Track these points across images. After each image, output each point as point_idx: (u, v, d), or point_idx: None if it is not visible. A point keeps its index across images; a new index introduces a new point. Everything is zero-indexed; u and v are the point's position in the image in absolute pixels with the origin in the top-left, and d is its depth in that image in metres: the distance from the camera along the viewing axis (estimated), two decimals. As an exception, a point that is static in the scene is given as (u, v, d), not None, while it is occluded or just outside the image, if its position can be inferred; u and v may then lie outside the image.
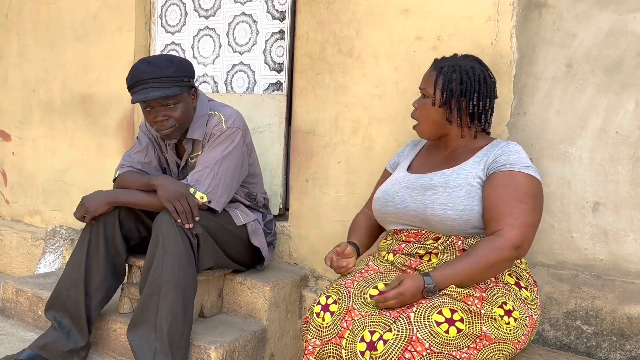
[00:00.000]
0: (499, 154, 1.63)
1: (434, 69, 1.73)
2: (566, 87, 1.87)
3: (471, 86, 1.66)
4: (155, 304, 1.83)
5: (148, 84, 1.91)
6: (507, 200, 1.53)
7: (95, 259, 2.00)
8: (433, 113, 1.71)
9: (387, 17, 2.17)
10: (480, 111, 1.69)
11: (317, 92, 2.35)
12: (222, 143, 2.01)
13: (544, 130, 1.90)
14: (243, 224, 2.12)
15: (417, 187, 1.69)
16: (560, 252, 1.90)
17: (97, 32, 3.00)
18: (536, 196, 1.57)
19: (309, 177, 2.39)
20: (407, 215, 1.69)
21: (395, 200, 1.73)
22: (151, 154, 2.19)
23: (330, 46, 2.30)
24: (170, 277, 1.83)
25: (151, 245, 1.90)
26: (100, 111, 3.03)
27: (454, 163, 1.71)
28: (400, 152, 1.97)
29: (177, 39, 2.87)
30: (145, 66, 1.93)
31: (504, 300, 1.51)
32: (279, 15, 2.57)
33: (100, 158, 3.04)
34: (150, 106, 1.95)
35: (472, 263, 1.50)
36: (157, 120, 1.97)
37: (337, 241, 2.30)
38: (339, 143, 2.30)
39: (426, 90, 1.72)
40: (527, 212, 1.53)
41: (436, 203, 1.61)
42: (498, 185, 1.57)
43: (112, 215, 2.01)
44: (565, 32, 1.87)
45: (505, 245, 1.49)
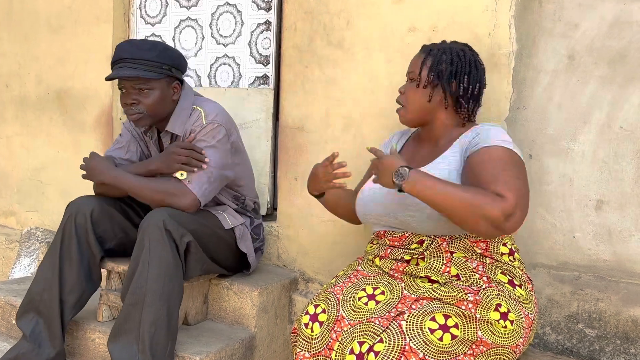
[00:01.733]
0: (473, 137, 1.53)
1: (423, 52, 1.66)
2: (568, 80, 1.79)
3: (462, 68, 1.59)
4: (139, 314, 1.73)
5: (125, 63, 1.88)
6: (489, 169, 1.41)
7: (68, 261, 1.89)
8: (418, 95, 1.62)
9: (379, 7, 2.07)
10: (469, 95, 1.60)
11: (306, 86, 2.24)
12: (201, 140, 1.91)
13: (545, 126, 1.83)
14: (231, 227, 2.02)
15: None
16: (562, 253, 1.83)
17: (73, 24, 2.86)
18: (520, 166, 1.45)
19: (298, 175, 2.29)
20: (388, 217, 1.60)
21: (377, 201, 1.63)
22: (132, 150, 2.11)
23: (319, 37, 2.20)
24: (156, 286, 1.73)
25: (136, 250, 1.79)
26: (77, 107, 2.89)
27: (435, 156, 1.61)
28: (386, 143, 1.87)
29: (157, 30, 2.74)
30: (127, 45, 1.91)
31: (498, 301, 1.43)
32: (264, 5, 2.45)
33: (77, 156, 2.90)
34: (124, 87, 1.91)
35: (459, 193, 1.35)
36: (126, 103, 1.92)
37: (328, 242, 2.22)
38: (330, 139, 2.21)
39: (413, 73, 1.63)
40: (514, 178, 1.39)
41: (413, 203, 1.50)
42: (477, 164, 1.45)
43: (84, 215, 1.90)
44: (567, 22, 1.79)
45: (499, 204, 1.32)
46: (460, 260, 1.51)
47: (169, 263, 1.76)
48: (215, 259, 1.97)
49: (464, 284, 1.46)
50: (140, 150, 2.13)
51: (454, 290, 1.42)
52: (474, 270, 1.49)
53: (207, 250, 1.92)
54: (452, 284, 1.46)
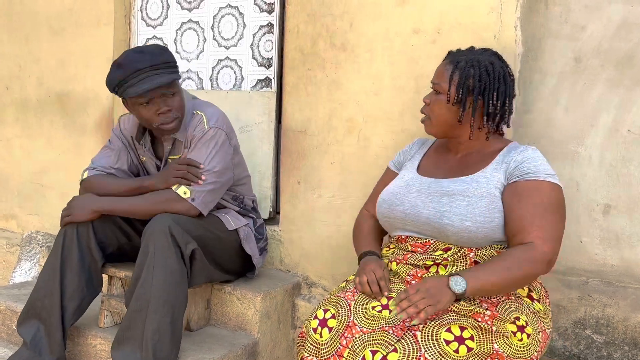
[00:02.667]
0: (520, 161, 1.51)
1: (450, 62, 1.58)
2: (575, 82, 1.77)
3: (491, 84, 1.52)
4: (143, 321, 1.71)
5: (147, 73, 1.78)
6: (535, 212, 1.44)
7: (69, 267, 1.86)
8: (445, 111, 1.57)
9: (383, 9, 2.04)
10: (498, 112, 1.55)
11: (309, 88, 2.22)
12: (205, 145, 1.88)
13: (551, 129, 1.80)
14: (235, 228, 2.00)
15: (432, 193, 1.56)
16: (569, 258, 1.81)
17: (73, 26, 2.84)
18: (563, 207, 1.49)
19: (301, 178, 2.26)
20: (418, 222, 1.56)
21: (405, 205, 1.59)
22: (123, 158, 2.06)
23: (322, 40, 2.18)
24: (160, 293, 1.71)
25: (140, 256, 1.77)
26: (78, 109, 2.87)
27: (471, 169, 1.57)
28: (406, 150, 1.81)
29: (158, 32, 2.72)
30: (139, 56, 1.80)
31: (516, 314, 1.41)
32: (267, 7, 2.42)
33: (78, 159, 2.88)
34: (153, 97, 1.81)
35: (508, 272, 1.40)
36: (162, 112, 1.83)
37: (331, 246, 2.20)
38: (333, 143, 2.18)
39: (440, 86, 1.58)
40: (556, 225, 1.45)
41: (453, 212, 1.48)
42: (523, 195, 1.46)
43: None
44: (574, 24, 1.76)
45: (540, 259, 1.41)
46: None
47: (174, 270, 1.74)
48: (219, 264, 1.95)
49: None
50: (131, 160, 2.08)
51: (472, 304, 1.40)
52: None
53: (212, 256, 1.90)
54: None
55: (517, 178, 1.48)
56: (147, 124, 1.89)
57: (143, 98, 1.80)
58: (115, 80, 1.81)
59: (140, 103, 1.82)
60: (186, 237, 1.78)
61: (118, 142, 2.07)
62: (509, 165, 1.52)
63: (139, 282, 1.74)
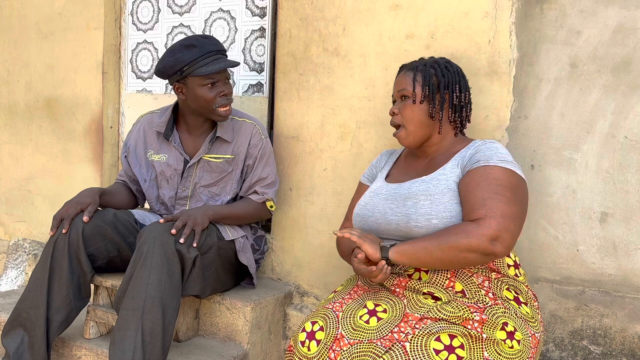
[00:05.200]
0: (474, 153, 1.53)
1: (408, 70, 1.67)
2: (570, 88, 1.74)
3: (453, 78, 1.62)
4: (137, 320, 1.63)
5: (216, 55, 1.93)
6: (480, 192, 1.41)
7: (58, 279, 1.81)
8: (417, 112, 1.61)
9: (376, 13, 2.01)
10: (463, 104, 1.63)
11: (301, 94, 2.18)
12: (270, 154, 2.09)
13: (547, 135, 1.77)
14: (231, 239, 1.97)
15: (397, 198, 1.55)
16: (565, 267, 1.77)
17: (63, 30, 2.80)
18: (514, 188, 1.44)
19: (293, 185, 2.22)
20: (389, 230, 1.54)
21: (376, 215, 1.58)
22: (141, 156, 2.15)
23: (314, 45, 2.14)
24: (156, 293, 1.66)
25: (135, 255, 1.71)
26: (67, 115, 2.82)
27: (433, 169, 1.58)
28: (375, 162, 1.84)
29: (149, 37, 2.68)
30: (207, 40, 1.95)
31: (504, 320, 1.37)
32: (259, 11, 2.39)
33: (67, 165, 2.84)
34: (215, 80, 1.94)
35: (435, 242, 1.38)
36: (225, 93, 1.96)
37: (323, 254, 2.16)
38: (325, 149, 2.14)
39: (405, 90, 1.63)
40: (503, 203, 1.39)
41: (418, 213, 1.47)
42: (471, 180, 1.45)
43: (76, 231, 1.82)
44: (569, 29, 1.74)
45: (478, 233, 1.35)
46: (466, 275, 1.45)
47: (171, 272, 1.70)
48: (215, 275, 1.91)
49: (469, 300, 1.40)
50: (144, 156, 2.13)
51: (459, 310, 1.36)
52: (479, 285, 1.43)
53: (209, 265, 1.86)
54: (457, 302, 1.39)
55: (469, 167, 1.49)
56: (206, 106, 1.96)
57: (210, 79, 1.92)
58: (188, 59, 1.89)
59: (205, 84, 1.92)
60: (189, 240, 1.76)
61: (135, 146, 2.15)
62: (463, 158, 1.53)
63: (132, 281, 1.68)
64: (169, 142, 2.06)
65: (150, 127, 2.11)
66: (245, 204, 2.04)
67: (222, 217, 1.94)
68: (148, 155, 2.11)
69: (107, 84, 2.72)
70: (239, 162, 2.06)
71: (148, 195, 2.14)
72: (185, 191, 2.06)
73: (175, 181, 2.08)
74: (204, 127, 2.06)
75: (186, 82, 1.94)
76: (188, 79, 1.93)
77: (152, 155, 2.10)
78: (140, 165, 2.12)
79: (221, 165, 2.05)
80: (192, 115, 2.03)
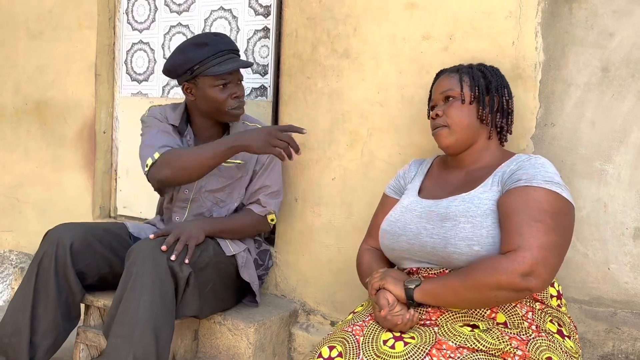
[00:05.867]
0: (516, 169, 1.37)
1: (450, 72, 1.54)
2: (602, 94, 1.62)
3: (502, 82, 1.53)
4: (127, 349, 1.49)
5: (229, 54, 1.84)
6: (517, 217, 1.26)
7: (44, 301, 1.67)
8: (466, 112, 1.48)
9: (390, 12, 1.89)
10: (510, 110, 1.53)
11: (308, 98, 2.05)
12: (278, 163, 1.97)
13: (576, 145, 1.65)
14: (232, 254, 1.84)
15: (433, 217, 1.40)
16: (595, 286, 1.65)
17: (53, 29, 2.66)
18: (557, 215, 1.28)
19: (299, 195, 2.09)
20: (424, 252, 1.40)
21: (408, 234, 1.43)
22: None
23: (322, 46, 2.01)
24: (148, 317, 1.51)
25: (124, 276, 1.57)
26: (57, 119, 2.68)
27: (474, 184, 1.43)
28: (403, 173, 1.68)
29: (145, 37, 2.54)
30: (219, 38, 1.85)
31: (548, 354, 1.24)
32: (262, 10, 2.26)
33: (57, 172, 2.69)
34: (227, 81, 1.84)
35: (462, 281, 1.25)
36: (238, 95, 1.87)
37: (331, 269, 2.02)
38: (334, 157, 2.01)
39: (451, 90, 1.50)
40: (542, 232, 1.24)
41: (458, 237, 1.32)
42: (510, 202, 1.30)
43: (64, 248, 1.68)
44: (601, 31, 1.62)
45: (508, 268, 1.20)
46: (509, 305, 1.31)
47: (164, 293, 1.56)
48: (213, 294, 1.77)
49: (511, 331, 1.27)
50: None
51: (500, 342, 1.22)
52: (523, 317, 1.30)
53: (206, 284, 1.72)
54: (497, 331, 1.26)
55: (508, 187, 1.34)
56: (217, 108, 1.86)
57: (221, 79, 1.82)
58: (199, 58, 1.79)
59: (216, 84, 1.82)
60: (182, 257, 1.61)
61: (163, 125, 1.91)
62: (504, 174, 1.38)
63: (121, 304, 1.54)
64: (181, 137, 1.92)
65: (164, 117, 1.95)
66: (244, 217, 1.91)
67: (219, 230, 1.81)
68: None
69: (100, 86, 2.58)
70: (249, 168, 1.94)
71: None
72: (187, 193, 1.92)
73: None
74: (211, 130, 1.94)
75: (196, 82, 1.83)
76: (198, 78, 1.82)
77: None
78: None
79: (231, 170, 1.92)
80: (200, 117, 1.92)
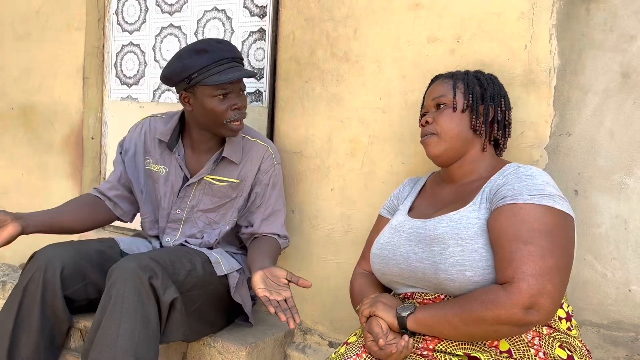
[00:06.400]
0: (502, 184, 1.24)
1: (445, 78, 1.44)
2: (622, 101, 1.50)
3: (499, 91, 1.42)
4: None
5: (230, 63, 1.69)
6: (507, 242, 1.14)
7: (26, 333, 1.55)
8: (457, 121, 1.36)
9: (393, 14, 1.77)
10: (507, 122, 1.42)
11: (306, 104, 1.93)
12: (278, 183, 1.85)
13: (594, 156, 1.53)
14: (225, 274, 1.72)
15: (421, 239, 1.28)
16: (614, 309, 1.52)
17: (40, 30, 2.54)
18: (552, 232, 1.14)
19: (295, 207, 1.97)
20: (416, 277, 1.28)
21: (398, 258, 1.32)
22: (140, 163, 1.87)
23: (321, 48, 1.89)
24: (128, 346, 1.39)
25: (104, 299, 1.45)
26: (44, 124, 2.56)
27: (464, 200, 1.30)
28: (397, 192, 1.57)
29: (135, 38, 2.42)
30: (221, 45, 1.71)
31: None
32: (258, 10, 2.14)
33: (43, 180, 2.57)
34: (227, 91, 1.70)
35: (458, 314, 1.13)
36: (238, 107, 1.72)
37: (329, 286, 1.90)
38: (333, 167, 1.89)
39: (443, 97, 1.38)
40: (537, 255, 1.11)
41: (448, 263, 1.20)
42: (497, 225, 1.18)
43: (53, 273, 1.56)
44: (621, 33, 1.49)
45: (507, 302, 1.09)
46: None
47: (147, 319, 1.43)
48: (202, 317, 1.65)
49: None
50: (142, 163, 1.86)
51: None
52: (529, 344, 1.17)
53: (194, 307, 1.60)
54: None
55: (495, 205, 1.21)
56: (215, 120, 1.71)
57: (221, 89, 1.68)
58: (198, 66, 1.65)
59: (215, 95, 1.68)
60: (166, 280, 1.48)
61: (119, 157, 1.87)
62: (491, 190, 1.25)
63: (99, 331, 1.42)
64: (171, 154, 1.81)
65: (152, 132, 1.85)
66: (276, 250, 1.79)
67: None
68: (146, 163, 1.84)
69: (89, 90, 2.46)
70: (244, 188, 1.81)
71: (142, 211, 1.87)
72: (179, 213, 1.81)
73: (169, 200, 1.81)
74: (209, 144, 1.80)
75: (195, 91, 1.69)
76: (197, 88, 1.68)
77: (151, 164, 1.84)
78: (138, 173, 1.85)
79: (224, 189, 1.79)
80: (198, 129, 1.78)
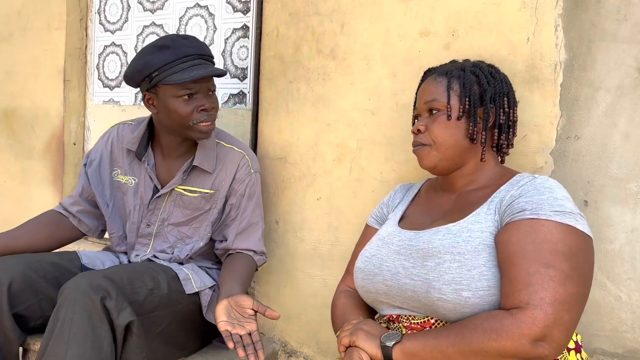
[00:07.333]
0: (518, 195, 1.09)
1: (438, 75, 1.27)
2: (638, 100, 1.33)
3: (500, 88, 1.25)
4: None
5: (196, 60, 1.56)
6: (524, 262, 0.99)
7: None
8: (452, 131, 1.21)
9: (383, 7, 1.62)
10: (511, 123, 1.26)
11: (290, 105, 1.78)
12: (255, 193, 1.70)
13: (606, 162, 1.36)
14: (195, 292, 1.57)
15: (413, 253, 1.14)
16: (630, 337, 1.35)
17: (22, 31, 2.44)
18: (574, 256, 1.00)
19: (279, 217, 1.82)
20: (405, 297, 1.13)
21: (384, 273, 1.17)
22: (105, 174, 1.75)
23: (306, 45, 1.75)
24: None
25: (51, 322, 1.32)
26: (26, 129, 2.45)
27: (465, 211, 1.16)
28: (387, 200, 1.42)
29: (117, 38, 2.30)
30: (187, 41, 1.58)
31: None
32: (241, 6, 2.00)
33: (25, 186, 2.46)
34: (193, 91, 1.56)
35: (454, 343, 0.99)
36: (206, 108, 1.57)
37: (316, 304, 1.74)
38: (319, 174, 1.74)
39: (436, 102, 1.22)
40: (557, 282, 0.97)
41: (443, 281, 1.05)
42: (513, 241, 1.03)
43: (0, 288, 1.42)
44: (636, 22, 1.32)
45: (514, 333, 0.95)
46: None
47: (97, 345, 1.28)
48: (169, 339, 1.50)
49: None
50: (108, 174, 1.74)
51: None
52: None
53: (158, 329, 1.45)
54: None
55: (509, 219, 1.06)
56: (181, 123, 1.58)
57: (186, 90, 1.55)
58: (158, 64, 1.52)
59: (180, 95, 1.55)
60: (121, 301, 1.34)
61: (83, 171, 1.76)
62: (502, 200, 1.10)
63: (44, 357, 1.28)
64: (140, 163, 1.68)
65: (120, 141, 1.73)
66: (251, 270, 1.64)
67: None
68: (114, 174, 1.72)
69: (70, 93, 2.34)
70: (218, 199, 1.66)
71: (110, 226, 1.74)
72: (150, 227, 1.67)
73: (139, 213, 1.68)
74: (180, 150, 1.67)
75: (157, 91, 1.56)
76: (159, 87, 1.55)
77: (119, 175, 1.71)
78: (103, 185, 1.73)
79: (196, 201, 1.65)
80: (166, 133, 1.65)
